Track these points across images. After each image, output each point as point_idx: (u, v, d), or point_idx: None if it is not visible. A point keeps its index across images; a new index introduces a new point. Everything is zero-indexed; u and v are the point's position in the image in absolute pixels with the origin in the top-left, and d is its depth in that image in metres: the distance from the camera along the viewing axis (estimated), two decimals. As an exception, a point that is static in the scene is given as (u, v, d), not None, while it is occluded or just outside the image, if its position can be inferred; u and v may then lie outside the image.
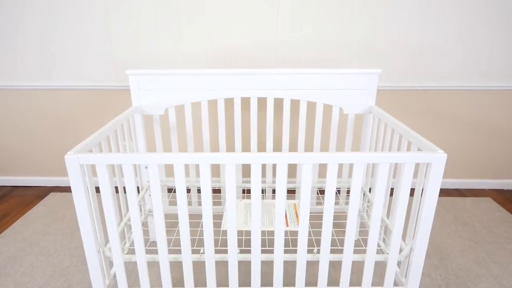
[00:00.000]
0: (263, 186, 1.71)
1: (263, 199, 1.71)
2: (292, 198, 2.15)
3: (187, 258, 1.08)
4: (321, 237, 1.05)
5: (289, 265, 1.59)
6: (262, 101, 2.06)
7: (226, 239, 1.70)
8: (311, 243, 1.68)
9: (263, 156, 0.94)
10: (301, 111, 1.56)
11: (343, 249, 1.08)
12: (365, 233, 1.80)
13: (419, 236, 1.04)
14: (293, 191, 2.29)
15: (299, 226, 1.03)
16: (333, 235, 1.71)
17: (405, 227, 1.80)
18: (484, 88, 2.08)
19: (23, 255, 1.67)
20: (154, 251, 1.67)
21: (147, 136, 2.20)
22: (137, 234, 1.05)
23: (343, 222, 1.91)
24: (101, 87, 2.11)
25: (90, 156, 0.94)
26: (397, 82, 2.08)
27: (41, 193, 2.30)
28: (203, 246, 1.22)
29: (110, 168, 0.99)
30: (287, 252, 1.60)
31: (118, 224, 1.06)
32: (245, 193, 2.10)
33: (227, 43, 1.99)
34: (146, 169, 1.59)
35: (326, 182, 0.98)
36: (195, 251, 1.63)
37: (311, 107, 2.12)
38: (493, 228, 1.88)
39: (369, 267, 1.10)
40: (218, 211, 1.75)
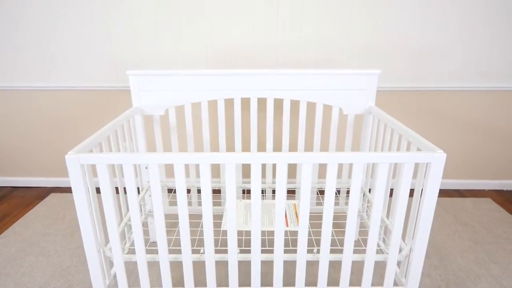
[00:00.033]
0: (263, 186, 1.71)
1: (263, 199, 1.71)
2: (292, 198, 2.15)
3: (187, 258, 1.08)
4: (321, 237, 1.05)
5: (289, 265, 1.59)
6: (262, 102, 2.07)
7: (226, 239, 1.70)
8: (311, 243, 1.68)
9: (263, 156, 0.94)
10: (301, 111, 1.56)
11: (343, 249, 1.08)
12: (365, 233, 1.80)
13: (418, 236, 1.04)
14: (293, 192, 2.29)
15: (299, 226, 1.03)
16: (333, 235, 1.71)
17: (404, 227, 1.80)
18: (484, 88, 2.08)
19: (23, 256, 1.67)
20: (154, 251, 1.67)
21: (147, 136, 2.20)
22: (137, 233, 1.05)
23: (343, 222, 1.91)
24: (101, 87, 2.11)
25: (90, 156, 0.95)
26: (397, 83, 2.08)
27: (41, 193, 2.30)
28: (203, 246, 1.22)
29: (110, 168, 0.99)
30: (287, 252, 1.60)
31: (118, 224, 1.06)
32: (245, 193, 2.10)
33: (227, 43, 2.00)
34: (146, 169, 1.59)
35: (326, 182, 0.98)
36: (195, 251, 1.63)
37: (311, 107, 2.13)
38: (493, 228, 1.88)
39: (368, 267, 1.10)
40: (218, 212, 1.75)
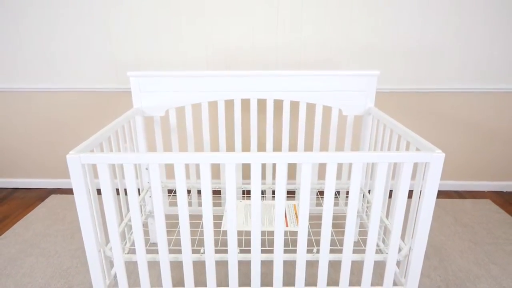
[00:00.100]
0: (263, 187, 1.72)
1: (263, 200, 1.72)
2: (292, 199, 2.15)
3: (187, 257, 1.09)
4: (321, 236, 1.05)
5: (289, 266, 1.59)
6: (262, 103, 2.07)
7: (226, 239, 1.70)
8: (310, 243, 1.68)
9: (263, 155, 0.95)
10: (300, 112, 1.57)
11: (343, 248, 1.08)
12: (364, 234, 1.80)
13: (418, 235, 1.04)
14: (293, 193, 2.29)
15: (299, 224, 1.03)
16: (333, 235, 1.72)
17: (404, 228, 1.81)
18: (483, 90, 2.09)
19: (24, 257, 1.67)
20: (154, 252, 1.68)
21: (148, 137, 2.21)
22: (137, 232, 1.06)
23: (342, 222, 1.91)
24: (101, 89, 2.12)
25: (91, 155, 0.95)
26: (397, 84, 2.09)
27: (41, 195, 2.31)
28: (203, 246, 1.22)
29: (111, 168, 1.00)
30: (286, 252, 1.60)
31: (118, 224, 1.06)
32: (245, 194, 2.10)
33: (227, 43, 2.01)
34: (146, 170, 1.59)
35: (325, 182, 0.99)
36: (195, 251, 1.63)
37: (311, 108, 2.13)
38: (492, 229, 1.88)
39: (368, 266, 1.10)
40: (218, 212, 1.75)
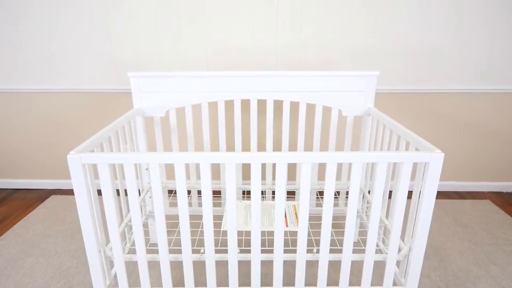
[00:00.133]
0: (263, 188, 1.72)
1: (263, 201, 1.72)
2: (292, 200, 2.16)
3: (187, 257, 1.09)
4: (321, 236, 1.06)
5: (289, 267, 1.59)
6: (262, 103, 2.08)
7: (226, 239, 1.70)
8: (310, 244, 1.68)
9: (262, 155, 0.95)
10: (300, 113, 1.57)
11: (343, 248, 1.08)
12: (364, 234, 1.80)
13: (417, 234, 1.05)
14: (293, 193, 2.30)
15: (299, 224, 1.04)
16: (333, 235, 1.72)
17: (404, 228, 1.81)
18: (483, 91, 2.09)
19: (24, 257, 1.67)
20: (154, 252, 1.68)
21: (148, 138, 2.21)
22: (137, 232, 1.06)
23: (342, 223, 1.91)
24: (101, 90, 2.12)
25: (92, 155, 0.96)
26: (397, 85, 2.09)
27: (41, 195, 2.31)
28: (203, 246, 1.23)
29: (111, 168, 1.00)
30: (286, 252, 1.60)
31: (119, 224, 1.06)
32: (245, 194, 2.10)
33: (227, 44, 2.01)
34: (146, 170, 1.60)
35: (325, 182, 0.99)
36: (195, 251, 1.63)
37: (311, 109, 2.14)
38: (492, 230, 1.88)
39: (368, 266, 1.10)
40: (218, 212, 1.75)
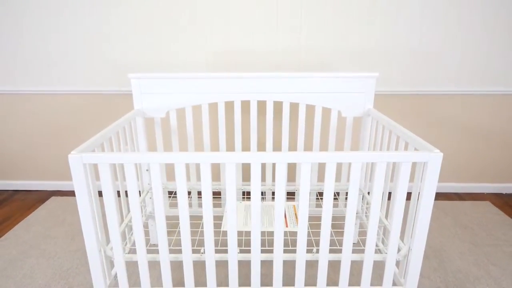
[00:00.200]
0: (263, 188, 1.72)
1: (262, 201, 1.72)
2: (291, 201, 2.16)
3: (187, 257, 1.09)
4: (320, 236, 1.06)
5: (288, 267, 1.59)
6: (262, 104, 2.08)
7: (226, 239, 1.71)
8: (310, 244, 1.69)
9: (262, 155, 0.96)
10: (300, 114, 1.58)
11: (342, 248, 1.09)
12: (364, 234, 1.81)
13: (417, 234, 1.05)
14: (292, 194, 2.30)
15: (299, 224, 1.04)
16: (332, 236, 1.72)
17: (403, 229, 1.81)
18: (482, 92, 2.10)
19: (24, 258, 1.68)
20: (154, 252, 1.68)
21: (149, 138, 2.21)
22: (138, 230, 1.06)
23: (342, 223, 1.91)
24: (101, 91, 2.13)
25: (93, 155, 0.96)
26: (396, 86, 2.10)
27: (42, 197, 2.31)
28: (203, 246, 1.23)
29: (112, 168, 1.01)
30: (286, 252, 1.60)
31: (119, 224, 1.07)
32: (245, 195, 2.11)
33: (227, 45, 2.02)
34: (147, 171, 1.60)
35: (325, 182, 0.99)
36: (195, 251, 1.63)
37: (310, 110, 2.14)
38: (492, 231, 1.88)
39: (368, 266, 1.11)
40: (218, 213, 1.76)
